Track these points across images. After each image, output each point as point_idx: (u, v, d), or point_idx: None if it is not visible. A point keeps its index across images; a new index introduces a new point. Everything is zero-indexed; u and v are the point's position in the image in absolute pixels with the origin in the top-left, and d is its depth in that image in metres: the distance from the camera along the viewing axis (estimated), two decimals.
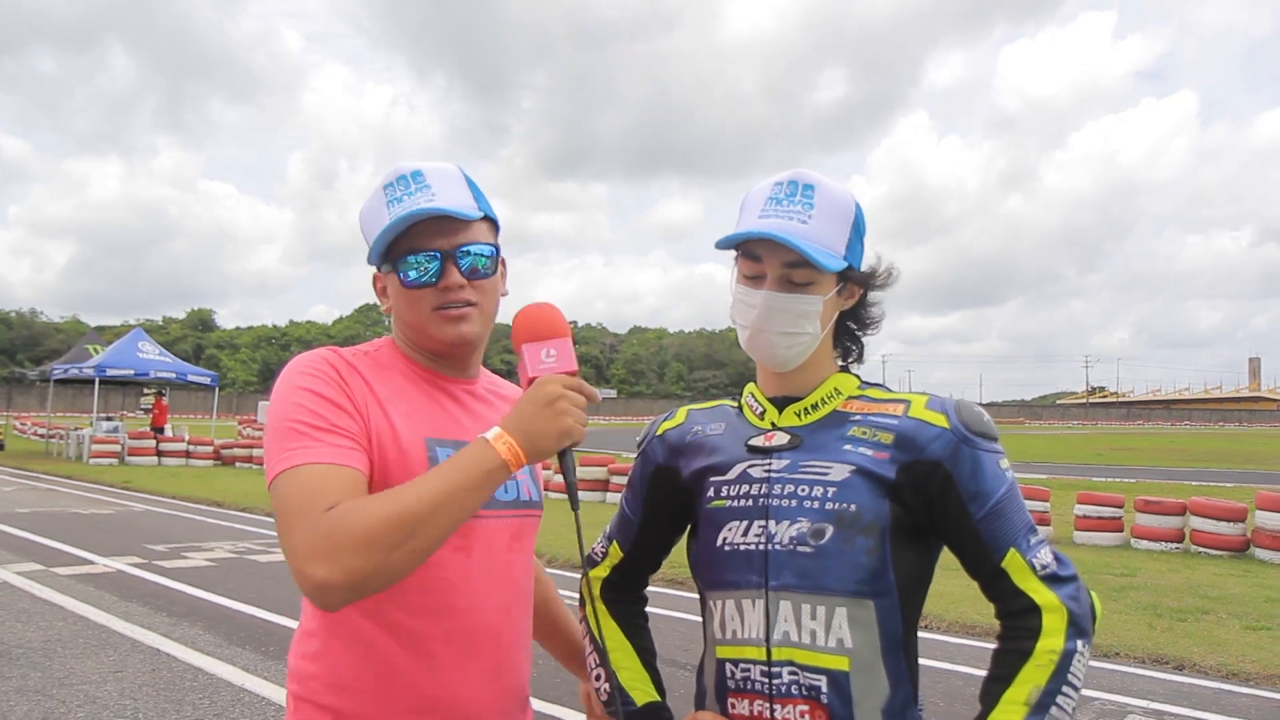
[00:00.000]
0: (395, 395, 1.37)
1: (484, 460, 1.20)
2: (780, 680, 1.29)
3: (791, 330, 1.34)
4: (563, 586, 1.47)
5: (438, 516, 1.16)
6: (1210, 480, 21.14)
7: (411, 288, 1.37)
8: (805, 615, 1.29)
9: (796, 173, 1.36)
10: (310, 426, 1.25)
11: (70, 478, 19.08)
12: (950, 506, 1.29)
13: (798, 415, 1.39)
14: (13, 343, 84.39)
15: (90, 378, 24.29)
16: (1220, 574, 9.11)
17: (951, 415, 1.32)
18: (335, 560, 1.12)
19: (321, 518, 1.15)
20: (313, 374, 1.32)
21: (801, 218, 1.32)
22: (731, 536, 1.35)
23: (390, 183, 1.39)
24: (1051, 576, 1.27)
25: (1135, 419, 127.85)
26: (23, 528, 11.35)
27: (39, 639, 6.08)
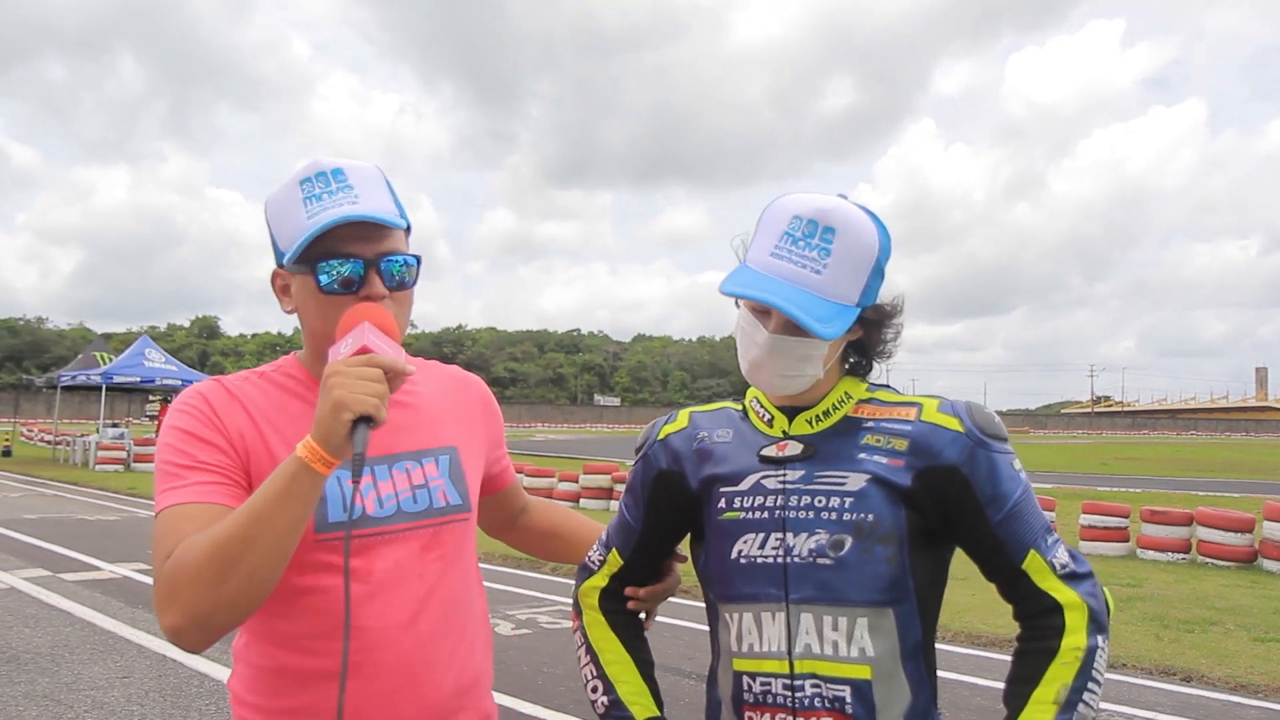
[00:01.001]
0: (281, 419, 1.34)
1: (288, 466, 1.16)
2: (803, 693, 1.28)
3: (793, 373, 1.32)
4: (552, 592, 1.46)
5: (257, 539, 1.13)
6: (1217, 490, 21.04)
7: (329, 294, 1.29)
8: (827, 627, 1.28)
9: (819, 211, 1.27)
10: (177, 466, 1.26)
11: (77, 484, 19.13)
12: (968, 511, 1.28)
13: (809, 423, 1.37)
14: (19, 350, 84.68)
15: (97, 385, 24.37)
16: (1228, 585, 9.07)
17: (965, 418, 1.31)
18: (176, 604, 1.14)
19: (165, 565, 1.17)
20: (184, 411, 1.32)
21: (816, 266, 1.26)
22: (748, 549, 1.33)
23: (308, 178, 1.32)
24: (1070, 575, 1.28)
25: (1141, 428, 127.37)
26: (30, 534, 11.39)
27: (46, 644, 6.10)
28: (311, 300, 1.32)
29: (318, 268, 1.28)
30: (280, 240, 1.34)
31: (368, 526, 1.32)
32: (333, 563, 1.28)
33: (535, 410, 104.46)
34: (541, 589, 8.34)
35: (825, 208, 1.28)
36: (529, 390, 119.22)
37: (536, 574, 9.17)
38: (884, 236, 1.32)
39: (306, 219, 1.29)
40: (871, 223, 1.30)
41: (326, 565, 1.29)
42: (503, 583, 8.75)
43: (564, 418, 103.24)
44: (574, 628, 1.57)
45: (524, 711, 4.92)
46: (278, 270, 1.38)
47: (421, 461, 1.41)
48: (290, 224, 1.32)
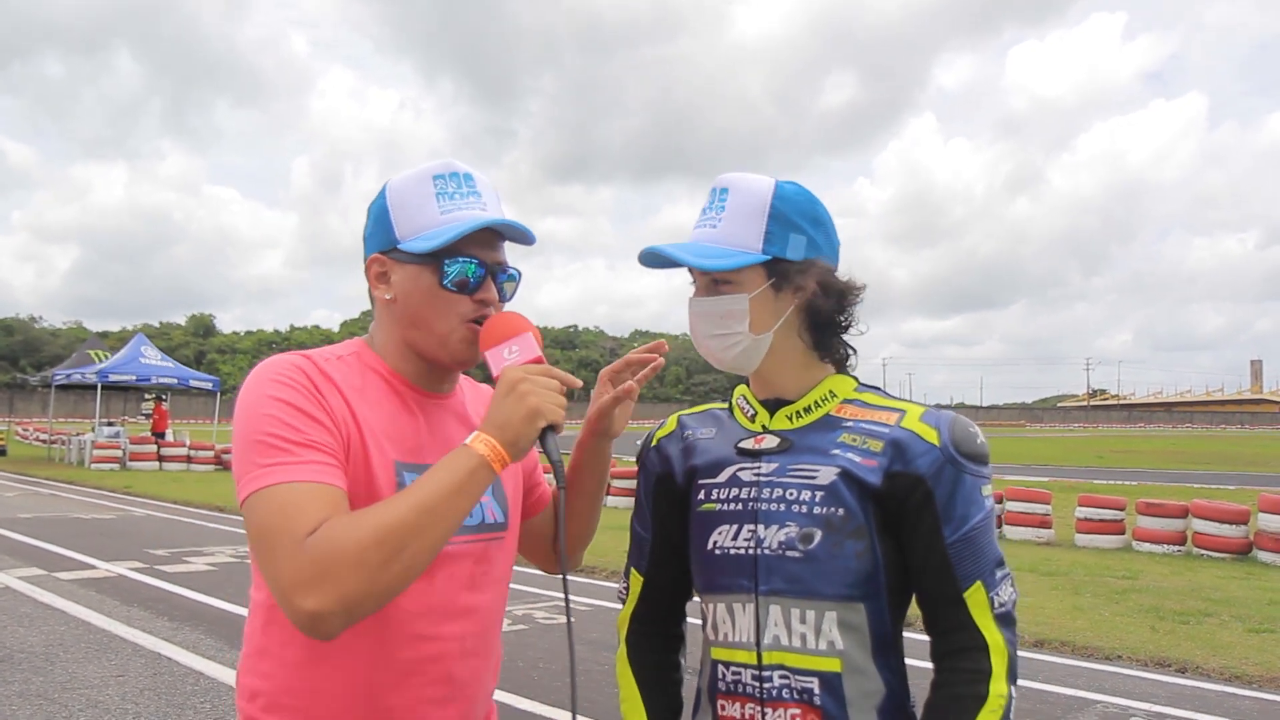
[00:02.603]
0: (370, 411, 1.29)
1: (465, 461, 1.17)
2: (771, 684, 1.29)
3: (720, 332, 1.34)
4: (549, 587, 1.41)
5: (429, 527, 1.12)
6: (1212, 483, 21.10)
7: (451, 291, 1.31)
8: (795, 619, 1.29)
9: (719, 178, 1.38)
10: (286, 441, 1.17)
11: (72, 483, 19.09)
12: (924, 524, 1.27)
13: (789, 419, 1.38)
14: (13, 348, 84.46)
15: (92, 383, 24.32)
16: (1222, 576, 9.10)
17: (944, 432, 1.29)
18: (327, 587, 1.07)
19: (307, 543, 1.09)
20: (286, 383, 1.23)
21: (714, 222, 1.34)
22: (721, 540, 1.35)
23: (441, 175, 1.33)
24: (1004, 617, 1.26)
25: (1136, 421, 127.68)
26: (24, 533, 11.36)
27: (41, 644, 6.08)
28: (426, 294, 1.31)
29: (444, 263, 1.30)
30: (400, 227, 1.32)
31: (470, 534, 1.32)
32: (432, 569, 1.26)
33: None
34: (538, 584, 8.34)
35: (722, 176, 1.37)
36: None
37: (533, 570, 9.15)
38: (789, 189, 1.35)
39: (440, 214, 1.31)
40: (770, 179, 1.35)
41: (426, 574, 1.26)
42: None
43: None
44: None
45: (520, 707, 4.92)
46: (378, 256, 1.35)
47: None
48: (419, 214, 1.32)
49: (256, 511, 1.14)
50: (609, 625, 6.83)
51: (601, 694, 5.05)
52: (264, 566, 1.12)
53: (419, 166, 1.36)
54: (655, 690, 1.47)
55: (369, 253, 1.37)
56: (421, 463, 1.29)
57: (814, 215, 1.35)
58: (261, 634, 1.29)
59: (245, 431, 1.19)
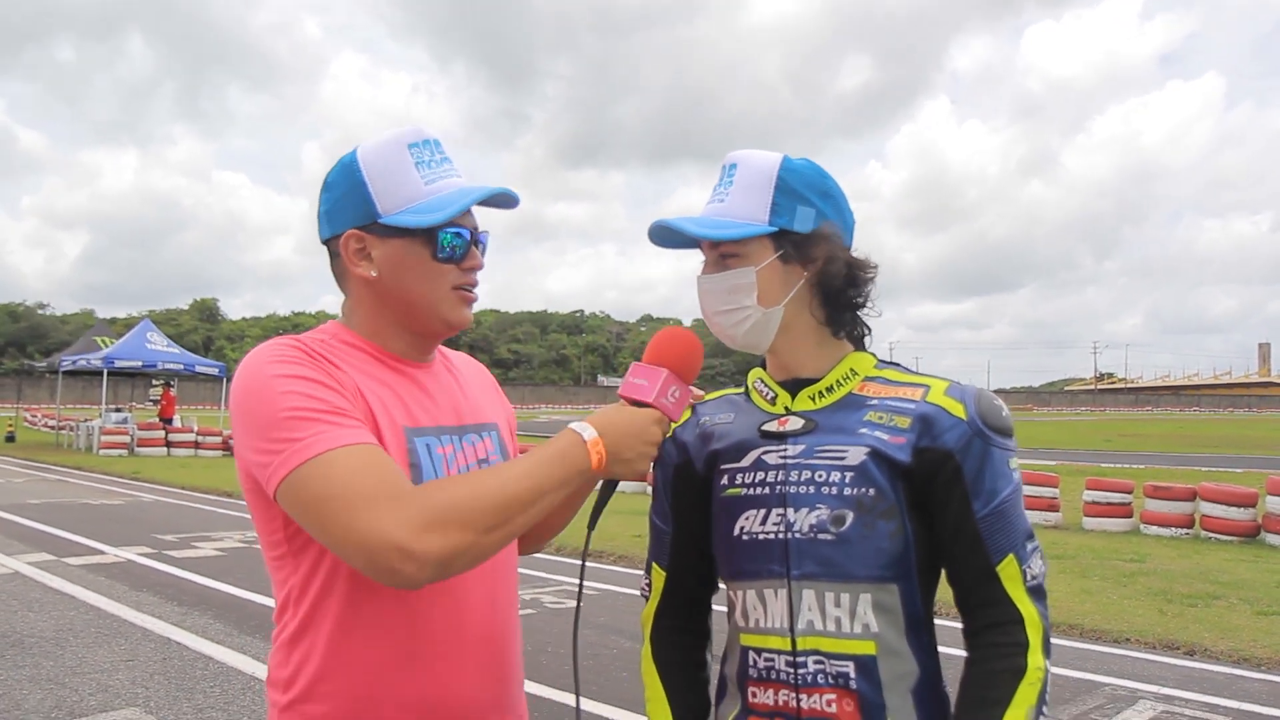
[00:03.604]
0: (368, 382, 1.27)
1: (577, 461, 1.19)
2: (806, 670, 1.27)
3: (728, 307, 1.32)
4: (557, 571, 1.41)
5: (535, 505, 1.16)
6: (1220, 466, 21.04)
7: (443, 262, 1.30)
8: (829, 603, 1.27)
9: (728, 155, 1.37)
10: (315, 411, 1.13)
11: (80, 469, 19.19)
12: (954, 499, 1.26)
13: (812, 399, 1.35)
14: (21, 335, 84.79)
15: (99, 369, 24.40)
16: (1231, 559, 9.07)
17: (970, 405, 1.28)
18: (447, 532, 1.09)
19: (417, 492, 1.10)
20: (291, 360, 1.20)
21: (722, 196, 1.33)
22: (749, 525, 1.33)
23: (415, 143, 1.30)
24: (1036, 589, 1.25)
25: (1144, 405, 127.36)
26: (34, 518, 11.42)
27: (51, 628, 6.12)
28: (416, 267, 1.29)
29: (439, 235, 1.28)
30: (381, 199, 1.27)
31: None
32: None
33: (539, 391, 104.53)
34: (546, 569, 8.36)
35: (732, 154, 1.37)
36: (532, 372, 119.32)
37: (541, 555, 9.17)
38: (797, 162, 1.34)
39: (424, 184, 1.28)
40: (779, 154, 1.35)
41: None
42: None
43: (567, 399, 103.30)
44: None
45: (528, 691, 4.92)
46: (355, 232, 1.29)
47: (482, 435, 1.41)
48: (402, 186, 1.27)
49: (313, 482, 1.09)
50: (617, 609, 6.85)
51: (610, 679, 5.06)
52: (349, 529, 1.07)
53: (387, 134, 1.31)
54: (682, 689, 1.44)
55: (339, 228, 1.30)
56: (432, 426, 1.30)
57: (823, 188, 1.33)
58: (293, 620, 1.25)
59: (264, 414, 1.15)
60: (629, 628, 6.28)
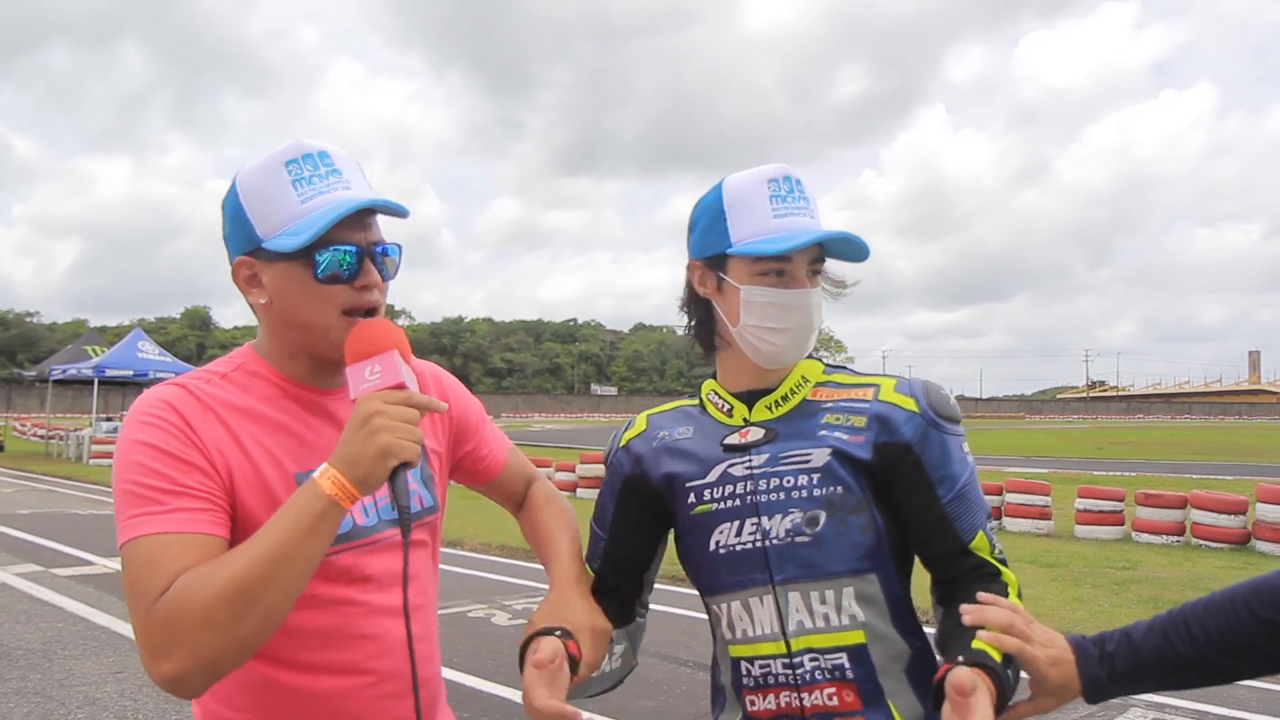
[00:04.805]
0: (257, 428, 1.24)
1: (312, 502, 1.10)
2: (803, 669, 1.31)
3: (817, 325, 1.37)
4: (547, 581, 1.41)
5: (278, 576, 1.06)
6: (1211, 473, 21.12)
7: (327, 283, 1.22)
8: (815, 601, 1.31)
9: (782, 167, 1.36)
10: (151, 489, 1.13)
11: (70, 478, 19.07)
12: (917, 489, 1.31)
13: (769, 409, 1.39)
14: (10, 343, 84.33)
15: (89, 378, 24.29)
16: (1221, 566, 9.10)
17: (920, 399, 1.34)
18: (180, 650, 1.03)
19: (157, 605, 1.06)
20: (153, 424, 1.18)
21: (811, 212, 1.34)
22: (725, 539, 1.35)
23: (294, 159, 1.23)
24: (1003, 559, 1.34)
25: (1135, 413, 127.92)
26: (22, 529, 11.34)
27: (38, 640, 6.07)
28: (299, 290, 1.23)
29: (316, 255, 1.21)
30: (260, 224, 1.23)
31: (361, 537, 1.29)
32: (332, 576, 1.25)
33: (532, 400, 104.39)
34: (538, 579, 8.33)
35: (784, 166, 1.38)
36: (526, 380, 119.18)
37: (532, 564, 9.15)
38: None
39: (301, 203, 1.21)
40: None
41: (326, 581, 1.24)
42: (498, 573, 8.75)
43: (561, 408, 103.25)
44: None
45: (519, 701, 4.90)
46: (244, 259, 1.26)
47: None
48: (278, 208, 1.22)
49: (124, 564, 1.11)
50: None
51: None
52: (131, 621, 1.10)
53: (268, 154, 1.26)
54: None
55: (231, 256, 1.28)
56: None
57: None
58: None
59: (116, 481, 1.17)
60: None
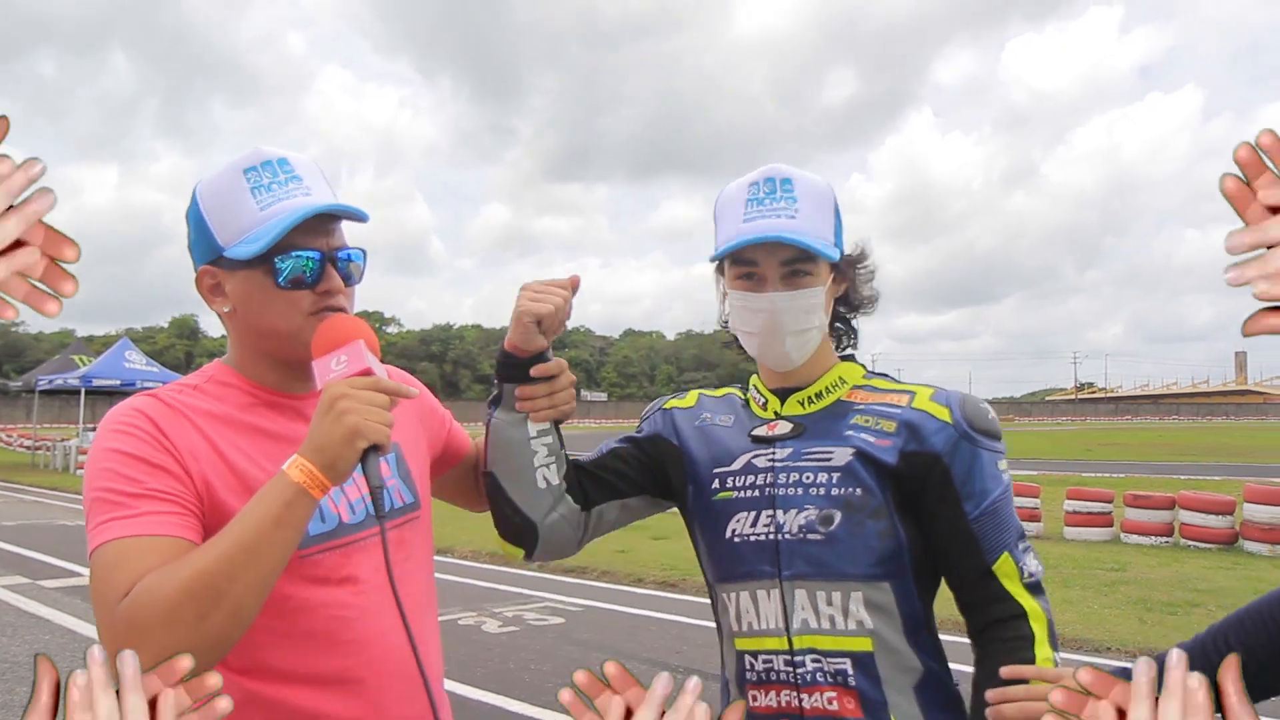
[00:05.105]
0: (234, 433, 1.24)
1: (281, 491, 1.08)
2: (805, 669, 1.29)
3: (803, 327, 1.34)
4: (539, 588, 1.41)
5: (245, 570, 1.04)
6: (1198, 474, 21.23)
7: (289, 289, 1.23)
8: (821, 602, 1.29)
9: (770, 169, 1.35)
10: (121, 494, 1.13)
11: (57, 489, 18.93)
12: (945, 502, 1.28)
13: (801, 404, 1.39)
14: None
15: (76, 388, 24.12)
16: (1209, 567, 9.15)
17: (955, 409, 1.32)
18: (144, 650, 0.98)
19: (120, 606, 1.04)
20: (125, 431, 1.18)
21: (789, 213, 1.31)
22: (740, 528, 1.35)
23: (253, 167, 1.24)
24: (1034, 585, 1.29)
25: (1124, 414, 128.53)
26: (8, 540, 11.25)
27: (25, 653, 6.02)
28: (262, 297, 1.24)
29: (275, 262, 1.22)
30: (221, 233, 1.24)
31: (345, 535, 1.26)
32: (318, 577, 1.23)
33: None
34: (528, 586, 8.32)
35: (774, 168, 1.36)
36: None
37: (524, 571, 9.14)
38: (832, 190, 1.39)
39: (259, 210, 1.22)
40: (819, 177, 1.38)
41: (312, 582, 1.22)
42: (489, 580, 8.73)
43: None
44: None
45: (511, 709, 4.90)
46: (207, 268, 1.27)
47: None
48: (237, 216, 1.23)
49: (92, 568, 1.11)
50: (600, 626, 6.81)
51: None
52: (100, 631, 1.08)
53: (227, 162, 1.27)
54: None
55: (196, 266, 1.29)
56: None
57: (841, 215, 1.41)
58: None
59: (86, 490, 1.17)
60: (612, 644, 6.25)
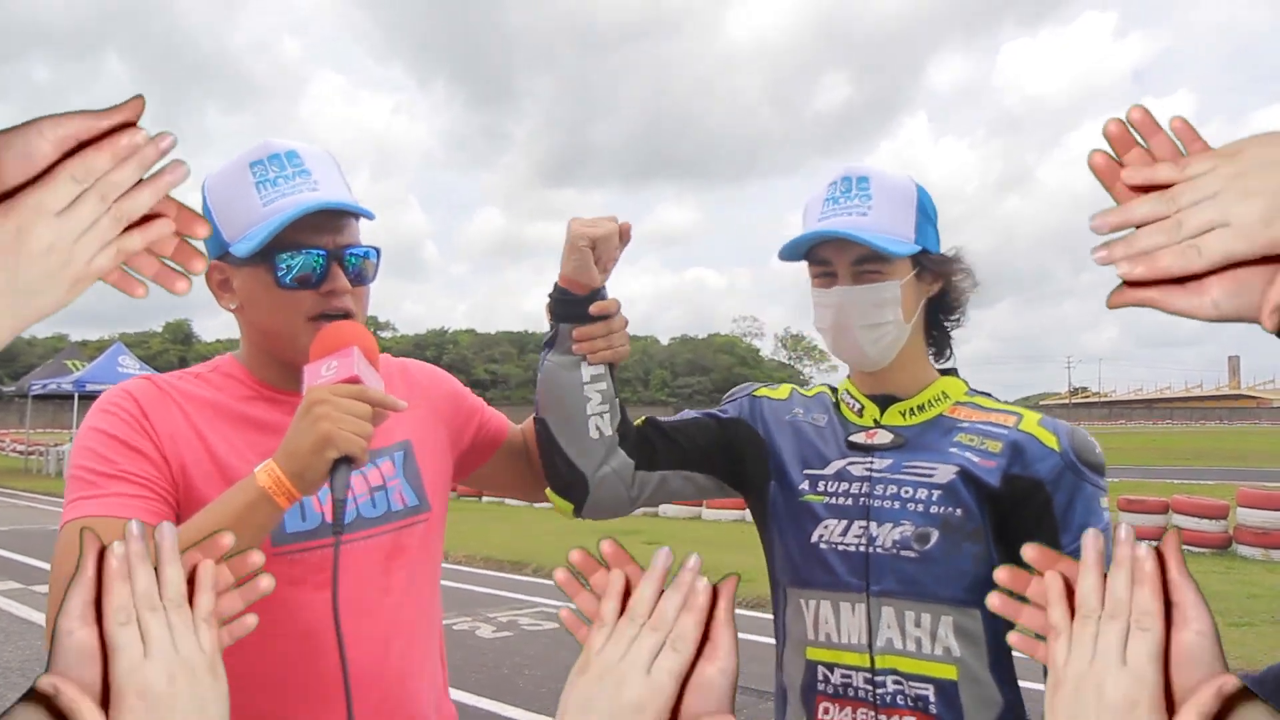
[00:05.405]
0: (223, 422, 1.22)
1: (242, 494, 1.05)
2: (885, 689, 1.25)
3: (873, 321, 1.31)
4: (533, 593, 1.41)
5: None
6: (1192, 478, 21.30)
7: (288, 289, 1.19)
8: (909, 622, 1.25)
9: (848, 168, 1.34)
10: (93, 473, 1.13)
11: (50, 494, 18.82)
12: (1042, 531, 1.24)
13: (903, 415, 1.36)
14: None
15: (69, 393, 24.04)
16: (1203, 571, 9.16)
17: (1063, 438, 1.29)
18: None
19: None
20: (108, 411, 1.18)
21: (862, 210, 1.30)
22: (828, 535, 1.31)
23: (259, 160, 1.20)
24: None
25: (1117, 418, 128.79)
26: (1, 545, 11.19)
27: (17, 659, 5.99)
28: (265, 296, 1.21)
29: (276, 260, 1.18)
30: (226, 228, 1.20)
31: (328, 536, 1.19)
32: (294, 578, 1.19)
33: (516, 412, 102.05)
34: (523, 590, 8.30)
35: (853, 165, 1.34)
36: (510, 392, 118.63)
37: (518, 576, 9.14)
38: (921, 187, 1.36)
39: (262, 206, 1.18)
40: (905, 175, 1.35)
41: (287, 583, 1.17)
42: (483, 585, 8.71)
43: None
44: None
45: (505, 715, 4.89)
46: (216, 263, 1.24)
47: (376, 461, 1.31)
48: (241, 211, 1.19)
49: (56, 547, 1.10)
50: None
51: None
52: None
53: (236, 156, 1.23)
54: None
55: (208, 260, 1.25)
56: None
57: (937, 216, 1.38)
58: None
59: (68, 467, 1.18)
60: None
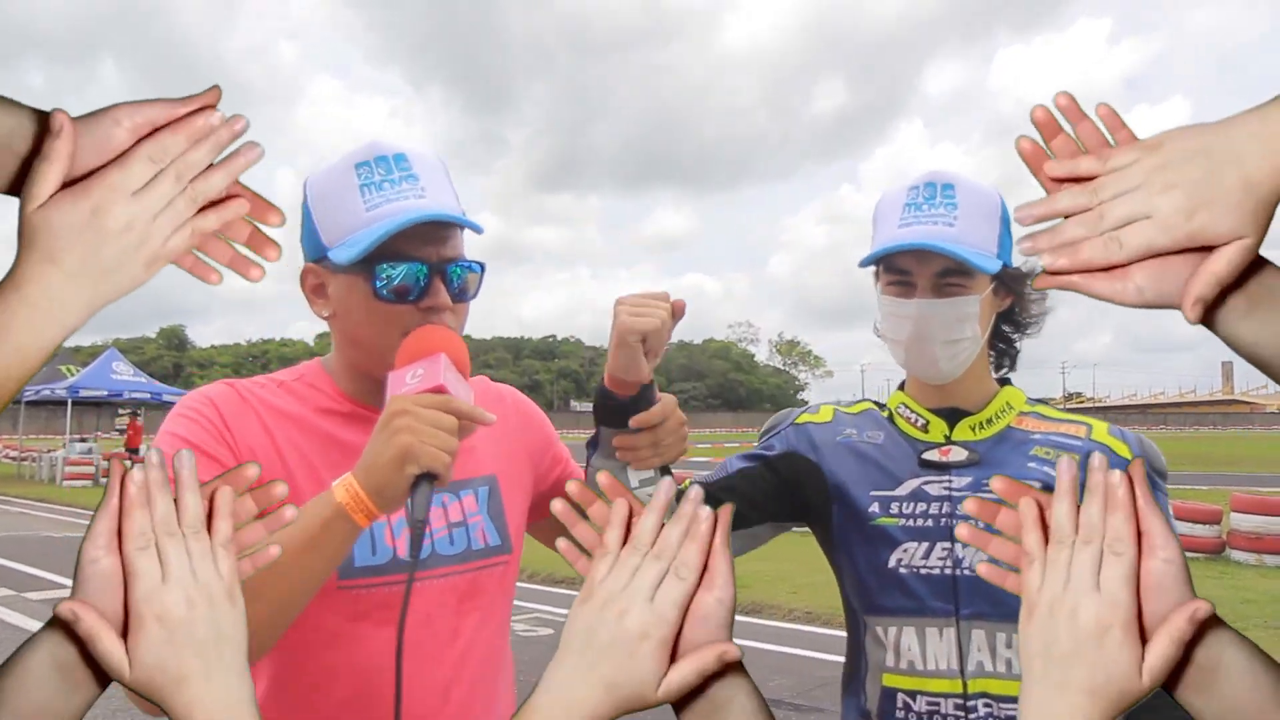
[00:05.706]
0: (302, 436, 1.17)
1: (321, 510, 0.98)
2: (976, 714, 1.23)
3: (954, 337, 1.28)
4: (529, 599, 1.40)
5: (266, 590, 0.91)
6: (1185, 483, 21.34)
7: (386, 301, 1.12)
8: (1000, 644, 1.23)
9: (932, 173, 1.29)
10: None
11: (43, 500, 18.75)
12: None
13: (972, 430, 1.32)
14: None
15: (63, 399, 23.96)
16: (1196, 576, 8.85)
17: (1134, 446, 1.28)
18: None
19: None
20: (189, 417, 1.14)
21: (948, 220, 1.25)
22: (909, 559, 1.28)
23: (365, 162, 1.13)
24: None
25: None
26: None
27: None
28: (361, 307, 1.14)
29: (375, 270, 1.11)
30: (325, 232, 1.15)
31: (400, 572, 1.13)
32: (359, 613, 1.14)
33: None
34: (517, 596, 8.25)
35: (936, 171, 1.29)
36: None
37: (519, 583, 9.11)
38: (1003, 200, 1.32)
39: (365, 211, 1.11)
40: (989, 184, 1.31)
41: (352, 619, 1.13)
42: None
43: None
44: None
45: None
46: (311, 266, 1.18)
47: (459, 494, 1.24)
48: (342, 214, 1.13)
49: None
50: None
51: None
52: None
53: (342, 153, 1.17)
54: None
55: (304, 261, 1.21)
56: None
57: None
58: None
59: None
60: None
